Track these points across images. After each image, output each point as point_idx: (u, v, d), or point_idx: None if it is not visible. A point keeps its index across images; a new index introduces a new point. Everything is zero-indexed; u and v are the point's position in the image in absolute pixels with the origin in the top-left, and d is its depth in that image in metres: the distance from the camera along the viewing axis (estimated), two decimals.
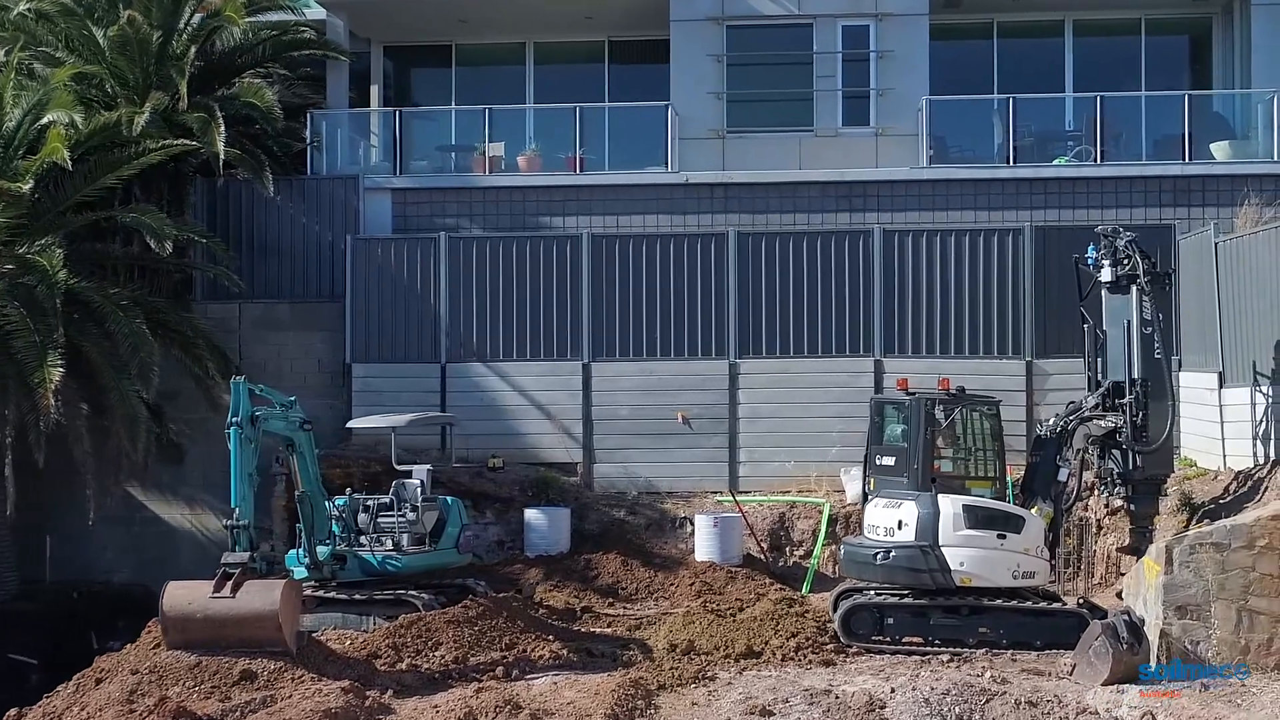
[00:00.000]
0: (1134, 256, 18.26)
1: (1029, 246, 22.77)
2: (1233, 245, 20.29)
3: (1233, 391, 20.14)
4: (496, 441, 23.26)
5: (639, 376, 23.34)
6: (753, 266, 23.30)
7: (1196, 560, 14.86)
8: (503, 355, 23.59)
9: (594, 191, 24.77)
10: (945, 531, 16.95)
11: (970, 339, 22.95)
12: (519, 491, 22.81)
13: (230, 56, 25.82)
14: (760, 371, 23.19)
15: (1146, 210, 23.72)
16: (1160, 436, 17.97)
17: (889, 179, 24.38)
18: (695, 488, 23.08)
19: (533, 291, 23.59)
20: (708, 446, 23.16)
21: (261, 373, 23.83)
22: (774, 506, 22.55)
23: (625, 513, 22.74)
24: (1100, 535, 21.31)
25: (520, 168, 25.39)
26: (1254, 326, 19.56)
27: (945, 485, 17.37)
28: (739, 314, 23.26)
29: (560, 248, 23.69)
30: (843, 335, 23.11)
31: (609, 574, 21.31)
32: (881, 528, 17.40)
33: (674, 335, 23.37)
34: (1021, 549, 17.12)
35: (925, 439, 17.29)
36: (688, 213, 24.56)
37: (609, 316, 23.45)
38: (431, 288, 23.76)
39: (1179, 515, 19.69)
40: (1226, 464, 20.16)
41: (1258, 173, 23.47)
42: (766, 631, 16.97)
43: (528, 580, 21.11)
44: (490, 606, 17.55)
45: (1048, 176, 24.11)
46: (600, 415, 23.35)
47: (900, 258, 23.09)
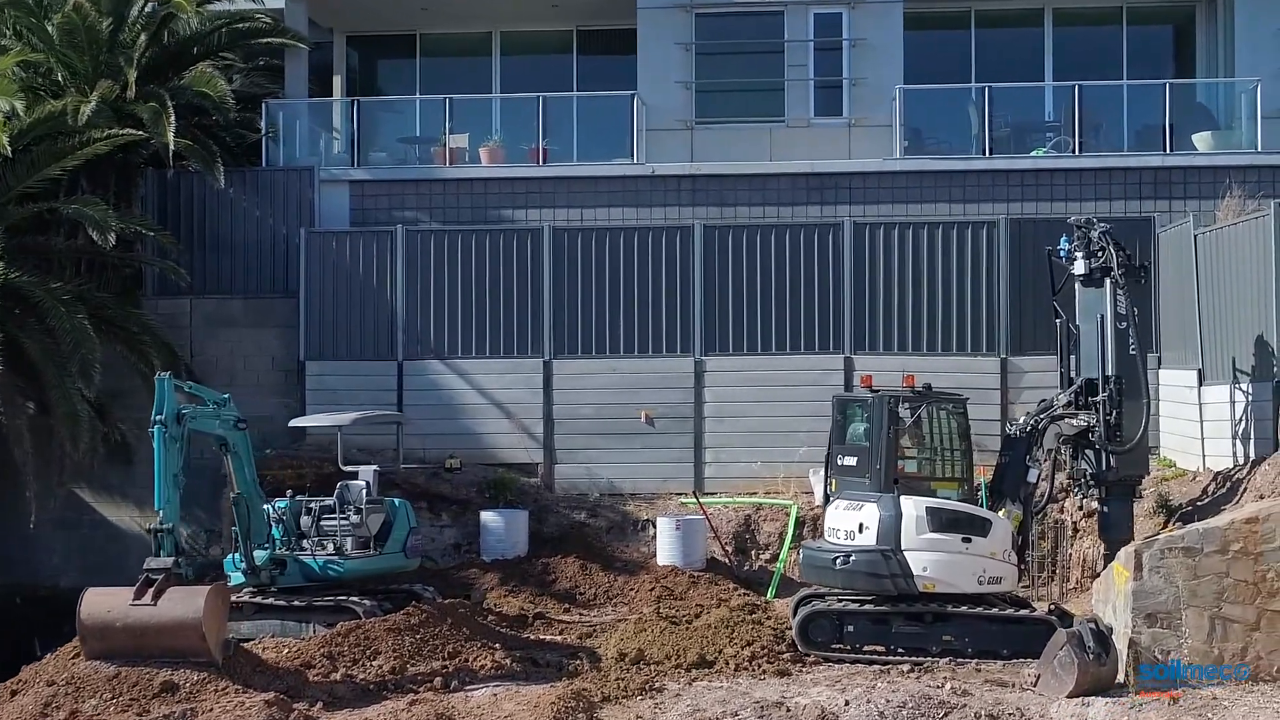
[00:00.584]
0: (1108, 248, 17.51)
1: (1004, 240, 22.04)
2: (1212, 237, 19.55)
3: (1212, 389, 19.40)
4: (454, 441, 22.51)
5: (602, 374, 22.60)
6: (719, 260, 22.57)
7: (1167, 565, 14.10)
8: (461, 352, 22.84)
9: (557, 184, 24.03)
10: (908, 535, 16.20)
11: (943, 335, 22.22)
12: (476, 493, 22.07)
13: (184, 45, 25.04)
14: (726, 369, 22.45)
15: (1126, 203, 23.01)
16: (1135, 436, 17.22)
17: (861, 170, 23.63)
18: (659, 489, 22.34)
19: (492, 287, 22.85)
20: (672, 447, 22.41)
21: (214, 370, 23.23)
22: (740, 508, 21.82)
23: (586, 515, 22.00)
24: (1076, 538, 20.60)
25: (482, 160, 24.62)
26: (1234, 322, 18.83)
27: (909, 487, 16.61)
28: (705, 310, 22.53)
29: (521, 241, 22.94)
30: (812, 332, 22.38)
31: (567, 578, 20.59)
32: (842, 531, 16.66)
33: (638, 332, 22.63)
34: (988, 553, 16.38)
35: (888, 438, 16.55)
36: (654, 205, 23.82)
37: (571, 312, 22.72)
38: (388, 283, 23.01)
39: (1155, 517, 18.98)
40: (1206, 464, 19.43)
41: (1240, 164, 22.75)
42: (721, 640, 16.22)
43: (482, 585, 20.38)
44: (434, 613, 16.80)
45: (1024, 168, 23.38)
46: (561, 414, 22.62)
47: (871, 251, 22.36)
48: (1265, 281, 17.93)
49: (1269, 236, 17.84)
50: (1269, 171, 22.66)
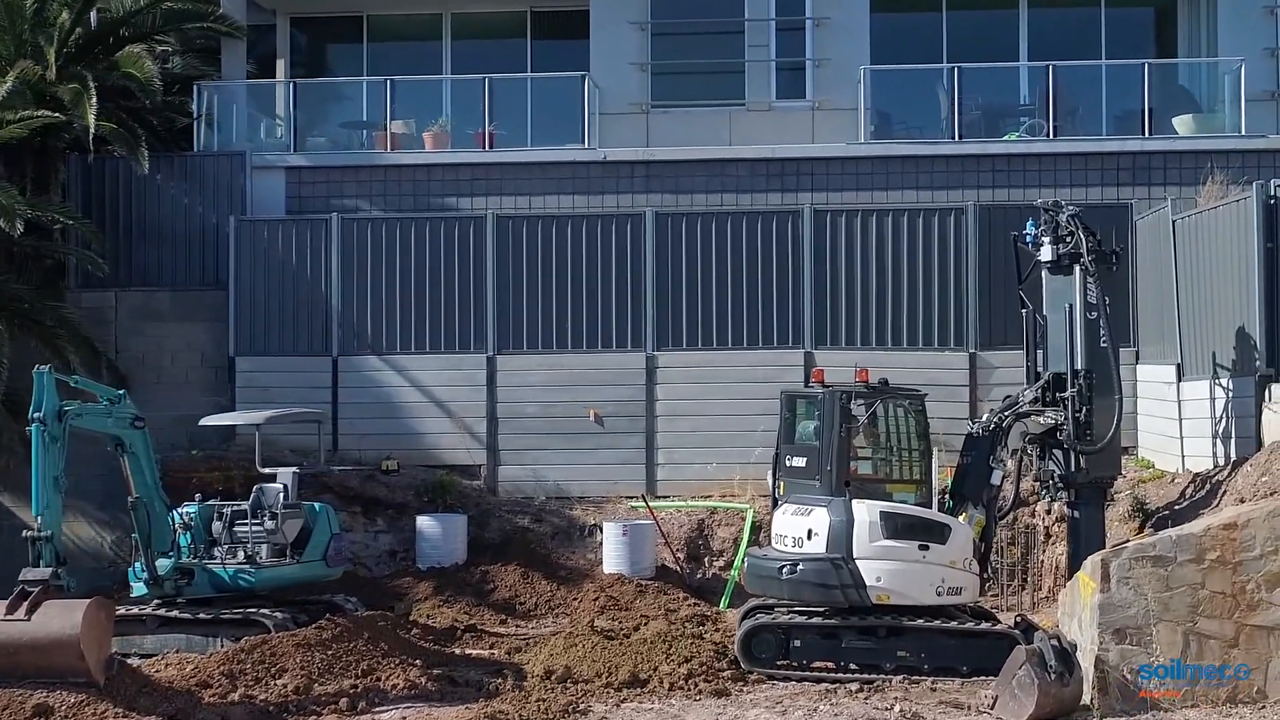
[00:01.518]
0: (1077, 233, 16.28)
1: (972, 227, 20.82)
2: (1191, 223, 18.33)
3: (1192, 385, 18.19)
4: (392, 442, 21.25)
5: (548, 370, 21.36)
6: (672, 250, 21.34)
7: (1137, 576, 12.86)
8: (400, 348, 21.59)
9: (504, 170, 22.78)
10: (860, 542, 14.95)
11: (909, 329, 21.00)
12: (414, 496, 20.82)
13: (113, 26, 23.74)
14: (680, 365, 21.21)
15: (1103, 189, 21.81)
16: (1106, 435, 15.97)
17: (824, 155, 22.40)
18: (609, 492, 21.09)
19: (433, 278, 21.61)
20: (622, 447, 21.16)
21: (140, 366, 22.03)
22: (693, 512, 20.59)
23: (530, 520, 20.74)
24: (1048, 544, 19.39)
25: (426, 145, 23.35)
26: (1214, 313, 17.61)
27: (863, 489, 15.36)
28: (657, 302, 21.29)
29: (463, 230, 21.69)
30: (770, 325, 21.16)
31: (506, 587, 19.37)
32: (789, 537, 15.40)
33: (586, 325, 21.40)
34: (947, 561, 15.13)
35: (840, 437, 15.30)
36: (606, 193, 22.60)
37: (516, 305, 21.47)
38: (323, 274, 21.76)
39: (1131, 522, 17.75)
40: (1185, 465, 18.22)
41: (1223, 148, 21.53)
42: (657, 656, 14.94)
43: (414, 595, 19.14)
44: (349, 627, 15.52)
45: (996, 153, 22.16)
46: (505, 413, 21.36)
47: (833, 240, 21.14)
48: (1247, 269, 16.72)
49: (1251, 220, 16.63)
50: (1253, 156, 21.46)
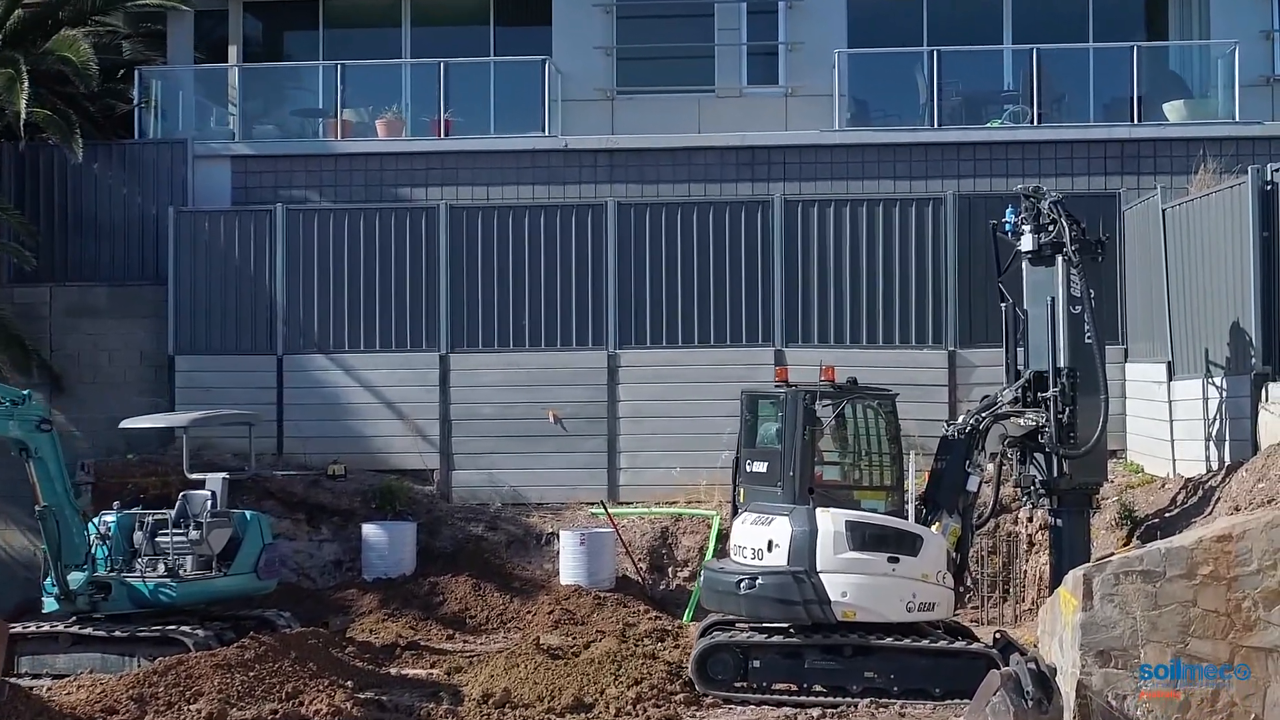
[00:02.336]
0: (1059, 220, 15.16)
1: (951, 218, 19.72)
2: (1182, 212, 17.22)
3: (1183, 384, 17.08)
4: (339, 445, 20.11)
5: (504, 370, 20.22)
6: (635, 242, 20.20)
7: (1122, 592, 11.73)
8: (348, 346, 20.46)
9: (460, 159, 21.63)
10: (824, 554, 13.83)
11: (885, 326, 19.89)
12: (361, 503, 19.67)
13: (51, 9, 22.59)
14: (643, 364, 20.09)
15: (1090, 179, 20.70)
16: (1090, 438, 14.85)
17: (796, 143, 21.27)
18: (568, 498, 19.96)
19: (383, 272, 20.47)
20: (583, 450, 20.02)
21: (75, 365, 20.95)
22: (656, 520, 19.47)
23: (484, 527, 19.60)
24: (1031, 553, 18.29)
25: (379, 133, 22.20)
26: (1207, 307, 16.51)
27: (829, 497, 14.25)
28: (619, 297, 20.16)
29: (414, 221, 20.55)
30: (738, 322, 20.04)
31: (457, 600, 18.24)
32: (749, 549, 14.28)
33: (544, 322, 20.27)
34: (918, 574, 14.01)
35: (803, 440, 14.18)
36: (568, 183, 21.46)
37: (470, 301, 20.34)
38: (267, 268, 20.61)
39: (1119, 530, 16.64)
40: (1176, 470, 17.11)
41: (1216, 135, 20.41)
42: (605, 677, 13.79)
43: (359, 608, 18.02)
44: (275, 646, 14.38)
45: (977, 140, 21.02)
46: (460, 414, 20.23)
47: (804, 232, 20.02)
48: (1242, 260, 15.61)
49: (1245, 208, 15.52)
50: (1247, 144, 20.33)
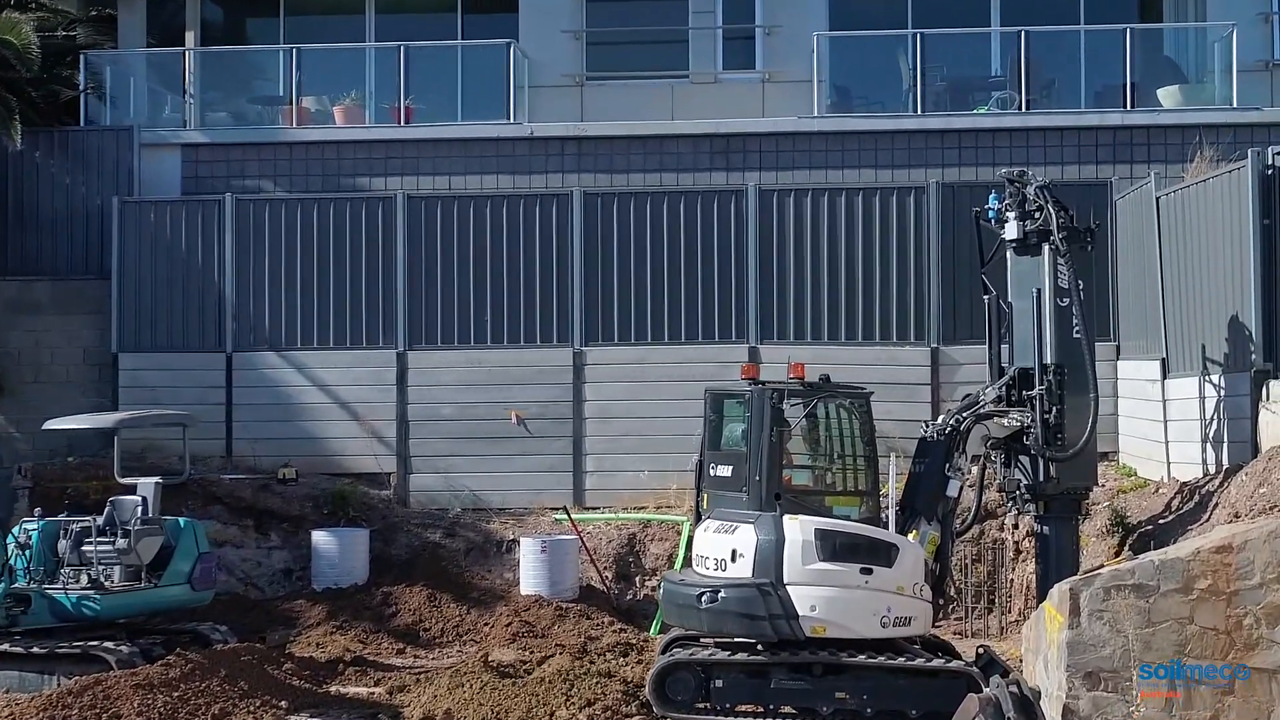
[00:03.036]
0: (1046, 206, 14.16)
1: (934, 208, 18.75)
2: (1178, 199, 16.23)
3: (1178, 383, 16.10)
4: (291, 447, 19.14)
5: (464, 368, 19.23)
6: (602, 234, 19.23)
7: (1113, 609, 10.75)
8: (300, 343, 19.47)
9: (421, 147, 20.64)
10: (792, 564, 12.80)
11: (864, 322, 18.92)
12: (313, 508, 18.67)
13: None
14: (611, 362, 19.10)
15: (1080, 167, 19.76)
16: (1079, 439, 13.85)
17: (773, 131, 20.29)
18: (532, 503, 18.98)
19: (337, 266, 19.49)
20: (547, 453, 19.04)
21: (16, 364, 20.01)
22: (624, 526, 18.48)
23: (442, 534, 18.61)
24: (1018, 561, 17.33)
25: (337, 120, 21.22)
26: (1203, 301, 15.52)
27: (798, 503, 13.21)
28: (585, 292, 19.18)
29: (371, 212, 19.56)
30: (710, 318, 19.07)
31: (410, 611, 17.23)
32: (711, 559, 13.25)
33: (507, 318, 19.29)
34: (894, 587, 12.98)
35: (770, 442, 13.15)
36: (534, 172, 20.46)
37: (429, 296, 19.36)
38: (216, 261, 19.61)
39: (1109, 538, 15.65)
40: (1170, 473, 16.13)
41: (1212, 122, 19.42)
42: (555, 699, 12.77)
43: (307, 620, 17.00)
44: (202, 664, 13.37)
45: (962, 128, 20.05)
46: (418, 415, 19.23)
47: (780, 223, 19.04)
48: (1241, 250, 14.63)
49: (1245, 194, 14.54)
50: (1245, 131, 19.35)
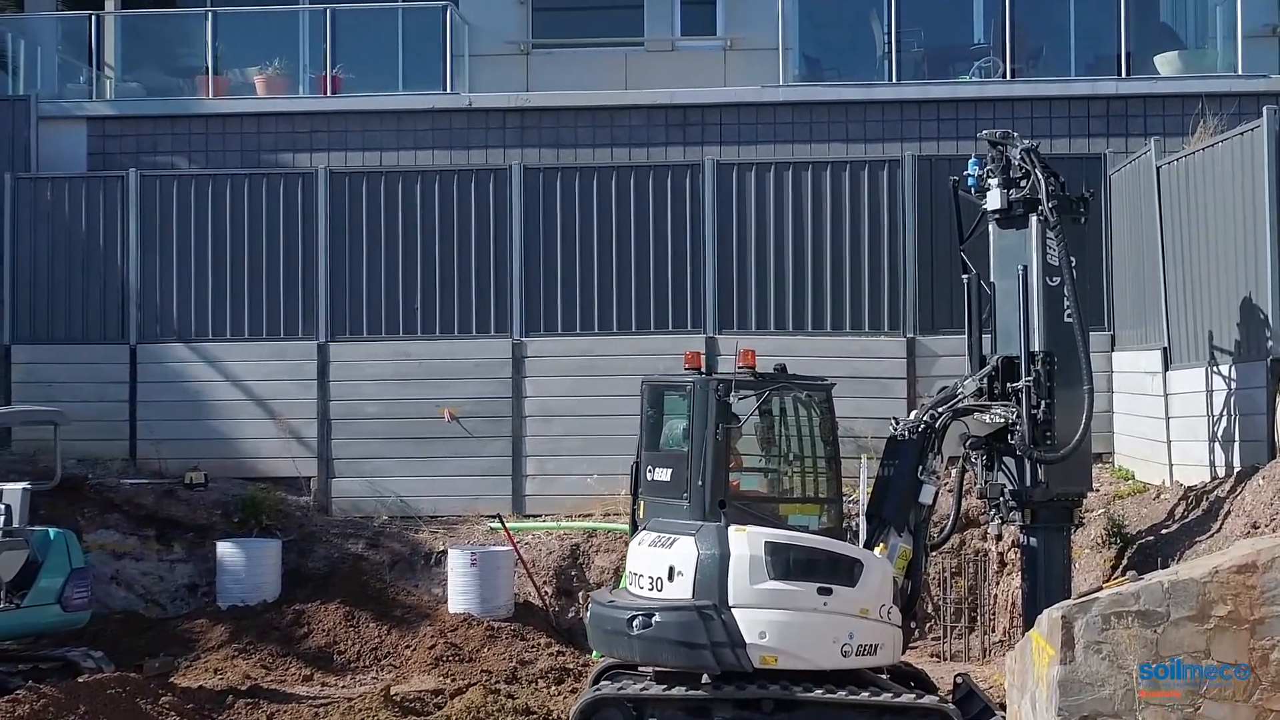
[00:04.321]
0: (1033, 173, 12.40)
1: (910, 184, 17.00)
2: (1181, 168, 14.46)
3: (1182, 375, 14.32)
4: (201, 448, 17.35)
5: (392, 361, 17.43)
6: (544, 213, 17.45)
7: (1113, 640, 8.96)
8: (212, 333, 17.66)
9: (349, 120, 18.86)
10: (739, 584, 11.02)
11: (834, 309, 17.16)
12: (222, 516, 16.86)
13: None
14: (554, 354, 17.31)
15: (1071, 140, 18.00)
16: (1072, 438, 12.08)
17: (734, 101, 18.52)
18: (466, 510, 17.19)
19: (253, 249, 17.69)
20: (483, 455, 17.24)
21: None
22: (567, 535, 16.69)
23: (365, 545, 16.79)
24: (1003, 574, 15.59)
25: (258, 90, 19.41)
26: (1211, 282, 13.76)
27: (747, 512, 11.44)
28: (526, 276, 17.40)
29: (289, 189, 17.75)
30: (664, 305, 17.31)
31: (324, 632, 15.44)
32: (646, 577, 11.46)
33: (440, 306, 17.50)
34: (857, 609, 11.21)
35: (715, 441, 11.37)
36: (473, 147, 18.71)
37: (353, 281, 17.57)
38: (119, 244, 17.80)
39: (1105, 550, 13.88)
40: (1173, 477, 14.36)
41: (1215, 90, 17.61)
42: None
43: (207, 642, 15.20)
44: (58, 699, 11.53)
45: (941, 97, 18.27)
46: (341, 413, 17.42)
47: (740, 200, 17.29)
48: (1254, 223, 12.88)
49: (1260, 159, 12.79)
50: (1250, 100, 17.43)
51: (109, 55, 20.91)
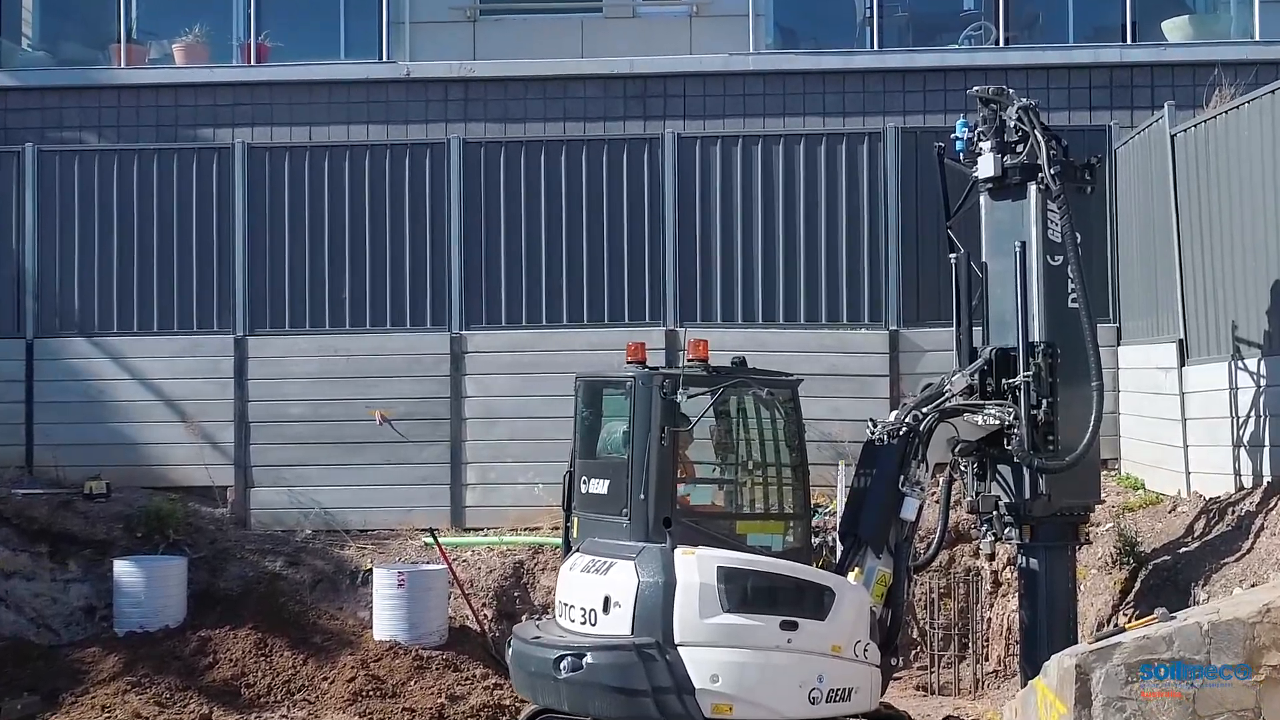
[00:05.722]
0: (1032, 134, 10.70)
1: (893, 159, 15.31)
2: (1200, 137, 12.77)
3: (1201, 370, 12.62)
4: (104, 454, 15.54)
5: (318, 357, 15.67)
6: (486, 192, 15.75)
7: (1139, 696, 7.22)
8: (117, 327, 15.87)
9: (276, 91, 17.16)
10: (687, 618, 9.30)
11: (807, 299, 15.46)
12: (124, 531, 15.06)
13: None
14: (497, 348, 15.58)
15: (1071, 113, 16.33)
16: (1078, 443, 10.39)
17: (699, 71, 16.87)
18: (400, 522, 15.45)
19: (163, 233, 15.91)
20: (419, 462, 15.51)
21: None
22: (510, 551, 14.99)
23: (284, 563, 15.02)
24: (998, 596, 13.93)
25: (177, 59, 17.68)
26: (1235, 265, 12.07)
27: (698, 530, 9.73)
28: (466, 263, 15.68)
29: (204, 166, 15.98)
30: (619, 294, 15.63)
31: (232, 662, 13.66)
32: (578, 609, 9.73)
33: (371, 295, 15.77)
34: (828, 647, 9.51)
35: (660, 448, 9.65)
36: (412, 121, 17.04)
37: (274, 268, 15.82)
38: (14, 227, 16.00)
39: (1115, 571, 12.15)
40: (1190, 486, 12.66)
41: (1229, 58, 15.98)
42: None
43: (98, 674, 13.41)
44: None
45: (928, 66, 16.65)
46: (261, 415, 15.65)
47: (704, 178, 15.60)
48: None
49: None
50: (1268, 68, 15.87)
51: (27, 27, 19.31)
